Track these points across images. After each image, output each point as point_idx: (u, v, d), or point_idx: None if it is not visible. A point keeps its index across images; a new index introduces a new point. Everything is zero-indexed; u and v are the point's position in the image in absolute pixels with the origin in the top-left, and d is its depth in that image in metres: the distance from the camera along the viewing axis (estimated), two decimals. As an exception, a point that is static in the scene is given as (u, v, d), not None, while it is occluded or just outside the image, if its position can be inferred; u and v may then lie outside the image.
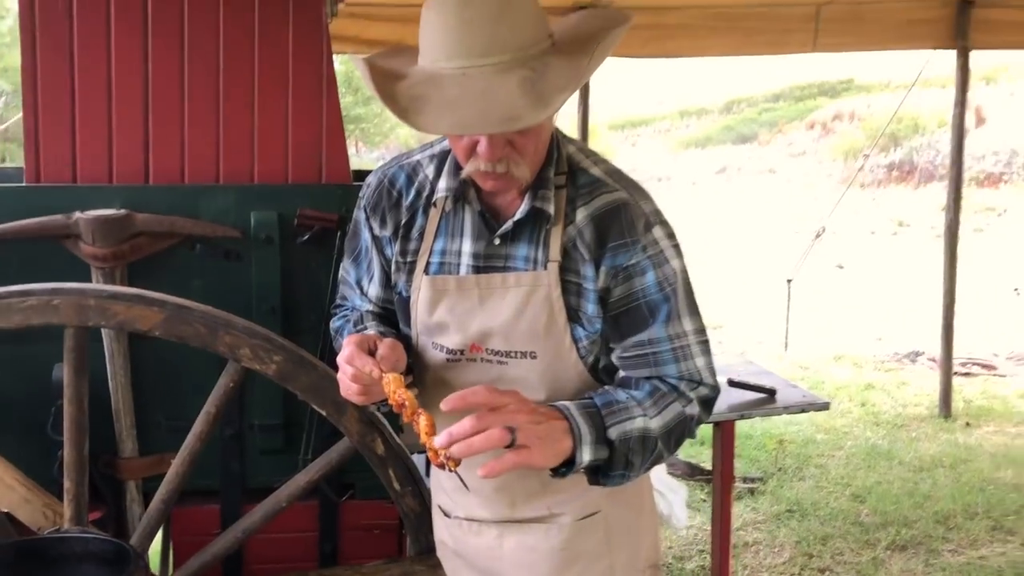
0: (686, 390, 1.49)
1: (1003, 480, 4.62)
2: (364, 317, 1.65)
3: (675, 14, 5.14)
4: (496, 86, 1.26)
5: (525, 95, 1.25)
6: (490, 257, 1.50)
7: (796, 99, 27.70)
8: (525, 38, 1.30)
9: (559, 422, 1.35)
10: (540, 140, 1.41)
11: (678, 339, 1.48)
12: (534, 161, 1.42)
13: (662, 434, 1.44)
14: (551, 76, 1.28)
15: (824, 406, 2.79)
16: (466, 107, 1.26)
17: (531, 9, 1.32)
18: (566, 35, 1.38)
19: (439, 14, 1.30)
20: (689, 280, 1.52)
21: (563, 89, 1.27)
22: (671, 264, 1.48)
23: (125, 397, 2.04)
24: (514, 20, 1.29)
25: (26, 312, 1.71)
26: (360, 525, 2.20)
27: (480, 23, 1.27)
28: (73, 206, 1.96)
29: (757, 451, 5.12)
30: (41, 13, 1.99)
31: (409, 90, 1.32)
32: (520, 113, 1.24)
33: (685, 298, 1.50)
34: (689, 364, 1.49)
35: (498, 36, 1.28)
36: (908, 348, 7.67)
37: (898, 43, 5.51)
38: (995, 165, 19.25)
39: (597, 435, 1.37)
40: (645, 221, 1.47)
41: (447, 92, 1.28)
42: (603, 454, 1.38)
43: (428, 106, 1.29)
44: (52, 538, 1.71)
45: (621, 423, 1.40)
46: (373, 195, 1.60)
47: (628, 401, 1.44)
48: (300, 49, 2.10)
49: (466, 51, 1.28)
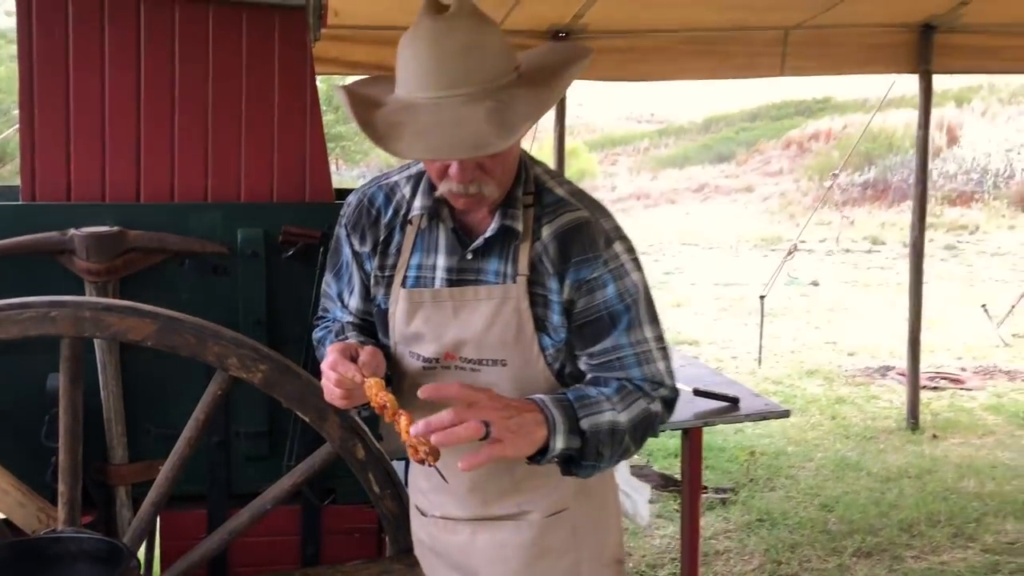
0: (649, 390, 1.61)
1: (966, 489, 4.77)
2: (345, 328, 1.75)
3: (648, 38, 5.29)
4: (466, 115, 1.38)
5: (492, 124, 1.36)
6: (463, 271, 1.61)
7: (773, 118, 28.07)
8: (493, 71, 1.42)
9: (532, 414, 1.45)
10: (508, 163, 1.53)
11: (639, 345, 1.60)
12: (502, 182, 1.54)
13: (629, 428, 1.55)
14: (516, 106, 1.40)
15: (784, 414, 2.91)
16: (438, 134, 1.37)
17: (499, 45, 1.44)
18: (532, 66, 1.50)
19: (415, 48, 1.42)
20: (648, 291, 1.64)
21: (527, 118, 1.40)
22: (631, 277, 1.60)
23: (116, 406, 2.12)
24: (483, 55, 1.41)
25: (24, 324, 1.80)
26: (341, 528, 2.28)
27: (452, 57, 1.39)
28: (68, 223, 2.05)
29: (729, 463, 5.24)
30: (38, 39, 2.09)
31: (386, 118, 1.44)
32: (487, 140, 1.36)
33: (645, 308, 1.62)
34: (652, 367, 1.61)
35: (468, 69, 1.39)
36: (879, 363, 7.84)
37: (863, 67, 5.68)
38: (967, 184, 19.58)
39: (570, 425, 1.48)
40: (606, 237, 1.59)
41: (421, 120, 1.39)
42: (576, 443, 1.48)
43: (403, 133, 1.40)
44: (48, 538, 1.79)
45: (592, 415, 1.51)
46: (353, 213, 1.71)
47: (598, 396, 1.55)
48: (285, 75, 2.21)
49: (439, 83, 1.40)
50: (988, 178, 19.39)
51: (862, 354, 8.21)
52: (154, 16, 2.14)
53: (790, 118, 27.17)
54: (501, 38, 1.46)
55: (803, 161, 22.97)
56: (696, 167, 24.79)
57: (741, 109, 30.40)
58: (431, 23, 1.41)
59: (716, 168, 24.50)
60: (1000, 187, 19.13)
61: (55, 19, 2.09)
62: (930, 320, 9.37)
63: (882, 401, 6.62)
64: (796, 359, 8.03)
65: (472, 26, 1.41)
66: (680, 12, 5.00)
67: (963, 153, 20.58)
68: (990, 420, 6.11)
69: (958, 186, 19.49)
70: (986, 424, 6.01)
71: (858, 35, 5.41)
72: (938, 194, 19.03)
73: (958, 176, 19.83)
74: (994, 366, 7.69)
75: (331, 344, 1.59)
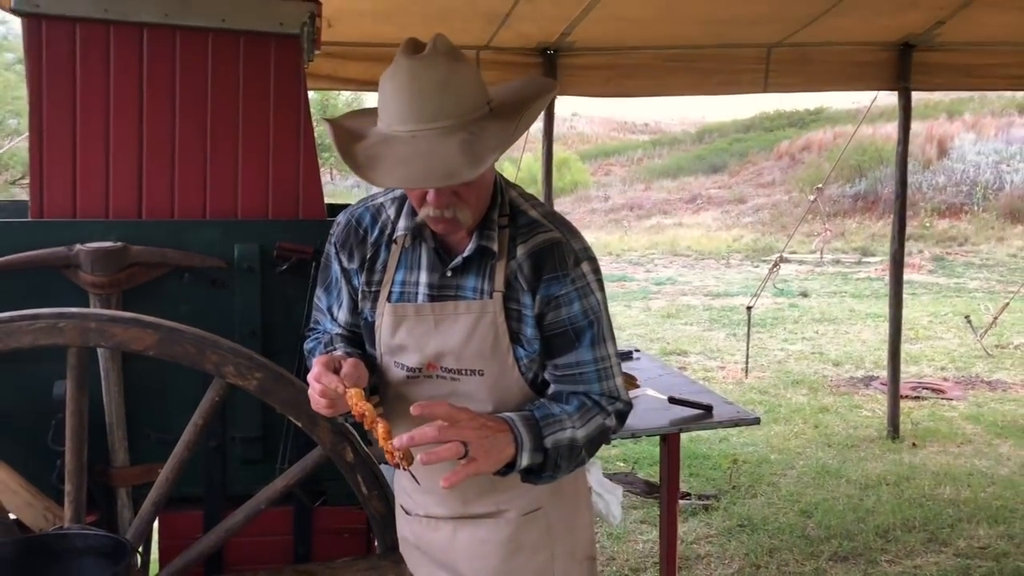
0: (606, 405, 1.75)
1: (941, 496, 4.90)
2: (334, 339, 1.88)
3: (633, 55, 5.43)
4: (439, 147, 1.51)
5: (463, 155, 1.50)
6: (443, 287, 1.74)
7: (766, 129, 28.28)
8: (465, 106, 1.55)
9: (504, 434, 1.59)
10: (482, 189, 1.66)
11: (602, 361, 1.74)
12: (477, 208, 1.67)
13: (586, 443, 1.70)
14: (486, 138, 1.53)
15: (754, 421, 3.04)
16: (414, 165, 1.51)
17: (471, 81, 1.58)
18: (503, 100, 1.64)
19: (393, 85, 1.55)
20: (607, 310, 1.78)
21: (495, 150, 1.53)
22: (595, 296, 1.74)
23: (118, 412, 2.24)
24: (456, 91, 1.54)
25: (35, 334, 1.93)
26: (331, 529, 2.41)
27: (427, 94, 1.52)
28: (74, 239, 2.17)
29: (713, 470, 5.37)
30: (48, 66, 2.22)
31: (366, 150, 1.57)
32: (458, 170, 1.49)
33: (607, 326, 1.76)
34: (610, 383, 1.76)
35: (442, 105, 1.53)
36: (863, 373, 7.98)
37: (844, 84, 5.83)
38: (956, 196, 19.76)
39: (535, 443, 1.62)
40: (575, 257, 1.72)
41: (398, 151, 1.53)
42: (539, 459, 1.63)
43: (382, 163, 1.54)
44: (55, 535, 1.92)
45: (555, 433, 1.65)
46: (342, 232, 1.84)
47: (561, 415, 1.68)
48: (280, 99, 2.35)
49: (415, 117, 1.53)
50: (978, 190, 19.57)
51: (847, 364, 8.35)
52: (156, 44, 2.27)
53: (783, 129, 27.38)
54: (474, 75, 1.59)
55: (795, 172, 23.15)
56: (689, 178, 24.96)
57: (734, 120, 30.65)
58: (408, 62, 1.54)
59: (709, 179, 24.67)
60: (990, 199, 19.31)
61: (64, 47, 2.22)
62: (916, 331, 9.56)
63: (864, 410, 6.75)
64: (782, 369, 8.16)
65: (446, 64, 1.54)
66: (663, 28, 5.13)
67: (953, 165, 20.77)
68: (969, 429, 6.24)
69: (948, 198, 19.67)
70: (965, 433, 6.14)
71: (839, 53, 5.56)
72: (928, 206, 19.22)
73: (948, 188, 20.02)
74: (976, 376, 7.84)
75: (318, 356, 1.72)
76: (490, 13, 4.72)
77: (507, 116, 1.59)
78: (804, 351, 8.96)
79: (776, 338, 9.61)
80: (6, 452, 2.15)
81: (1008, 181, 19.64)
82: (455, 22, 4.80)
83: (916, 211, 18.62)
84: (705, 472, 5.35)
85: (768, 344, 9.28)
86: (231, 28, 2.29)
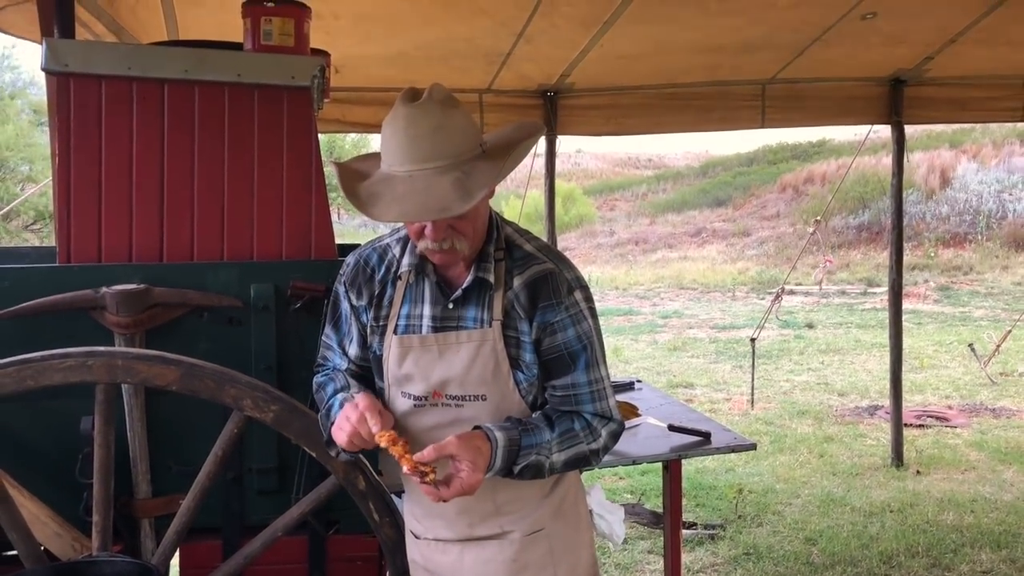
0: (598, 426, 1.88)
1: (945, 522, 4.96)
2: (346, 377, 2.00)
3: (631, 94, 5.59)
4: (434, 185, 1.66)
5: (456, 191, 1.65)
6: (445, 319, 1.87)
7: (769, 162, 28.50)
8: (458, 148, 1.70)
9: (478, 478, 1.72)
10: (477, 222, 1.81)
11: (596, 383, 1.87)
12: (474, 239, 1.82)
13: (560, 465, 1.85)
14: (476, 176, 1.68)
15: (751, 447, 3.13)
16: (410, 200, 1.66)
17: (463, 126, 1.73)
18: (498, 142, 1.80)
19: (392, 130, 1.71)
20: (600, 335, 1.92)
21: (485, 185, 1.68)
22: (587, 321, 1.87)
23: (142, 446, 2.35)
24: (449, 135, 1.69)
25: (66, 372, 2.05)
26: (344, 556, 2.49)
27: (423, 138, 1.68)
28: (99, 282, 2.30)
29: (719, 500, 5.44)
30: (75, 122, 2.36)
31: (367, 188, 1.73)
32: (450, 204, 1.65)
33: (599, 350, 1.90)
34: (603, 404, 1.89)
35: (436, 147, 1.68)
36: (868, 402, 8.05)
37: (839, 119, 5.99)
38: (960, 225, 19.86)
39: (504, 467, 1.78)
40: (568, 286, 1.86)
41: (397, 189, 1.69)
42: (501, 475, 1.79)
43: (381, 200, 1.70)
44: (86, 562, 2.03)
45: (528, 461, 1.79)
46: (351, 272, 1.97)
47: (545, 443, 1.82)
48: (292, 147, 2.48)
49: (412, 158, 1.69)
50: (981, 219, 19.67)
51: (852, 394, 8.42)
52: (176, 98, 2.41)
53: (786, 162, 27.58)
54: (466, 120, 1.75)
55: (799, 204, 23.30)
56: (693, 211, 25.13)
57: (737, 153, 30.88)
58: (406, 109, 1.70)
59: (713, 212, 24.84)
60: (993, 228, 19.41)
61: (90, 103, 2.36)
62: (921, 360, 9.62)
63: (869, 439, 6.82)
64: (788, 400, 8.23)
65: (440, 111, 1.69)
66: (659, 61, 5.28)
67: (956, 195, 20.90)
68: (973, 456, 6.31)
69: (951, 227, 19.79)
70: (969, 460, 6.20)
71: (832, 89, 5.71)
72: (932, 235, 19.32)
73: (951, 218, 20.14)
74: (980, 404, 7.89)
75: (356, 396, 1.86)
76: (491, 53, 4.90)
77: (497, 156, 1.74)
78: (809, 382, 9.04)
79: (782, 369, 9.69)
80: (35, 485, 2.26)
81: (1011, 210, 19.76)
82: (456, 63, 4.98)
83: (920, 241, 18.71)
84: (711, 502, 5.42)
85: (774, 375, 9.36)
86: (246, 82, 2.43)
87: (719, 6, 4.26)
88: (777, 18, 4.56)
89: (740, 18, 4.49)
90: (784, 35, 4.91)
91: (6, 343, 2.24)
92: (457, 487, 1.69)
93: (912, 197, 19.97)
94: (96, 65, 2.36)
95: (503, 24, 4.39)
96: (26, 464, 2.29)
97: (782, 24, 4.69)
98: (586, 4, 4.12)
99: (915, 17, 4.54)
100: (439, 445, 1.72)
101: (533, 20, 4.32)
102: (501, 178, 1.72)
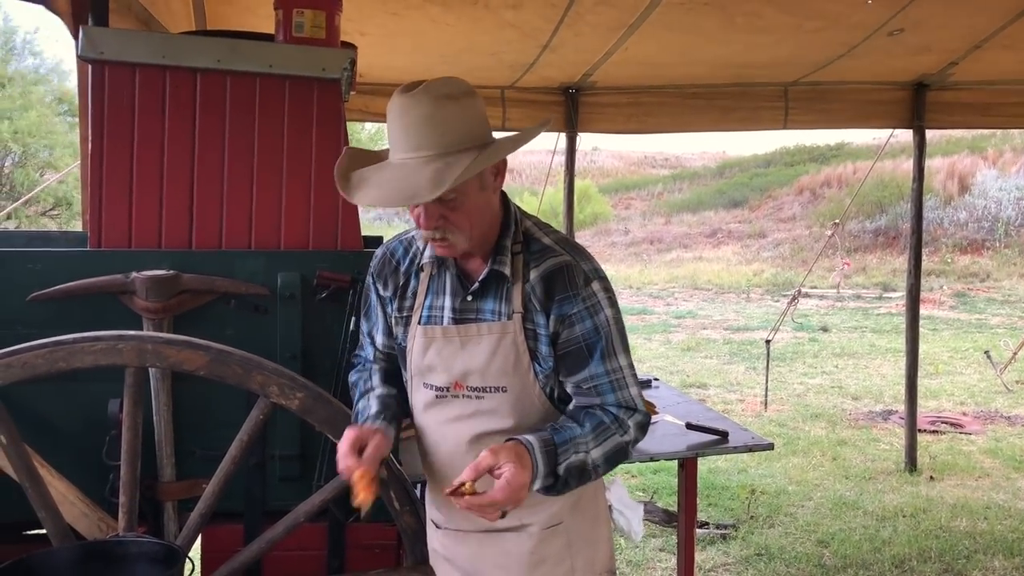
0: (625, 417, 1.86)
1: (958, 528, 4.95)
2: (372, 374, 2.03)
3: (653, 93, 5.60)
4: (415, 173, 1.69)
5: (430, 180, 1.66)
6: (465, 311, 1.89)
7: (787, 164, 28.38)
8: (448, 140, 1.71)
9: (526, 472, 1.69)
10: (473, 215, 1.80)
11: (615, 372, 1.87)
12: (473, 233, 1.81)
13: (602, 461, 1.82)
14: (455, 168, 1.68)
15: (768, 446, 3.14)
16: (386, 187, 1.71)
17: (458, 118, 1.73)
18: (508, 138, 1.82)
19: (390, 118, 1.75)
20: (621, 324, 1.91)
21: (459, 176, 1.66)
22: (605, 312, 1.87)
23: (167, 430, 2.39)
24: (439, 126, 1.71)
25: (96, 355, 2.08)
26: (363, 544, 2.53)
27: (413, 127, 1.71)
28: (129, 267, 2.34)
29: (731, 500, 5.45)
30: (109, 109, 2.39)
31: (361, 174, 1.77)
32: (418, 192, 1.67)
33: (618, 339, 1.89)
34: (625, 393, 1.87)
35: (426, 136, 1.70)
36: (882, 407, 8.03)
37: (861, 122, 5.97)
38: (978, 232, 19.74)
39: (549, 469, 1.75)
40: (584, 277, 1.86)
41: (384, 176, 1.73)
42: (549, 482, 1.76)
43: (365, 185, 1.74)
44: (114, 541, 2.06)
45: (569, 459, 1.77)
46: (378, 264, 2.01)
47: (579, 437, 1.80)
48: (321, 138, 2.51)
49: (403, 147, 1.73)
50: (999, 226, 19.55)
51: (866, 398, 8.40)
52: (208, 87, 2.44)
53: (803, 164, 27.46)
54: (464, 114, 1.74)
55: (816, 207, 23.20)
56: (709, 212, 25.05)
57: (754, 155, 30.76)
58: (400, 99, 1.73)
59: (729, 213, 24.76)
60: (1012, 235, 19.28)
61: (124, 90, 2.39)
62: (936, 366, 9.59)
63: (883, 444, 6.81)
64: (801, 403, 8.22)
65: (432, 102, 1.71)
66: (682, 71, 5.30)
67: (975, 201, 20.77)
68: (987, 463, 6.29)
69: (969, 234, 19.67)
70: (983, 467, 6.19)
71: (855, 92, 5.70)
72: (949, 242, 19.22)
73: (969, 224, 20.02)
74: (995, 411, 7.87)
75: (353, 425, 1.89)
76: (515, 64, 4.93)
77: (489, 149, 1.74)
78: (823, 385, 9.02)
79: (796, 372, 9.68)
80: (63, 466, 2.30)
81: (1030, 217, 19.62)
82: (481, 73, 4.99)
83: (937, 247, 18.62)
84: (724, 502, 5.43)
85: (788, 378, 9.34)
86: (277, 73, 2.46)
87: (745, 21, 4.25)
88: (804, 39, 4.56)
89: (766, 36, 4.49)
90: (810, 54, 4.91)
91: (37, 325, 2.28)
92: (503, 486, 1.64)
93: (930, 202, 19.86)
94: (131, 53, 2.40)
95: (529, 36, 4.40)
96: (55, 444, 2.33)
97: (809, 44, 4.69)
98: (612, 11, 4.11)
99: (941, 28, 4.52)
100: (474, 464, 1.68)
101: (559, 31, 4.31)
102: (475, 170, 1.71)
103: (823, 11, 4.16)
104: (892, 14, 4.17)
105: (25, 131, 19.59)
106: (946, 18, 4.33)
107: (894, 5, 4.06)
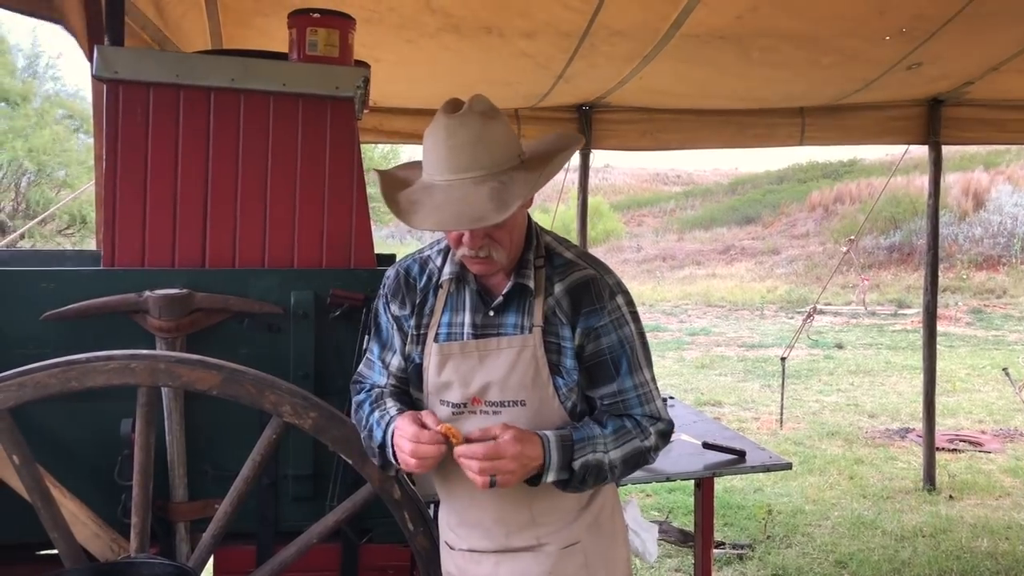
0: (648, 425, 1.89)
1: (979, 549, 4.88)
2: (383, 394, 1.99)
3: (667, 110, 5.58)
4: (471, 194, 1.69)
5: (492, 201, 1.67)
6: (485, 326, 1.88)
7: (799, 181, 28.33)
8: (496, 158, 1.72)
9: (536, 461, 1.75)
10: (514, 232, 1.83)
11: (642, 387, 1.89)
12: (511, 248, 1.84)
13: (620, 463, 1.84)
14: (513, 187, 1.70)
15: (786, 466, 3.11)
16: (447, 210, 1.69)
17: (503, 137, 1.75)
18: (536, 152, 1.82)
19: (433, 140, 1.74)
20: (645, 338, 1.93)
21: (520, 196, 1.70)
22: (630, 326, 1.89)
23: (179, 450, 2.37)
24: (488, 146, 1.72)
25: (109, 374, 2.07)
26: (376, 566, 2.50)
27: (462, 148, 1.71)
28: (143, 286, 2.33)
29: (748, 520, 5.39)
30: (123, 128, 2.39)
31: (408, 196, 1.76)
32: (486, 214, 1.67)
33: (642, 353, 1.91)
34: (651, 406, 1.91)
35: (475, 158, 1.71)
36: (899, 425, 7.95)
37: (877, 138, 5.93)
38: (994, 248, 19.61)
39: (563, 464, 1.78)
40: (609, 291, 1.88)
41: (436, 198, 1.71)
42: (564, 476, 1.79)
43: (421, 209, 1.72)
44: (125, 563, 2.04)
45: (585, 457, 1.79)
46: (393, 283, 1.99)
47: (599, 437, 1.83)
48: (335, 157, 2.50)
49: (452, 168, 1.71)
50: (1016, 242, 19.41)
51: (882, 416, 8.32)
52: (222, 106, 2.44)
53: (816, 180, 27.41)
54: (505, 131, 1.76)
55: (829, 223, 23.13)
56: (722, 228, 25.02)
57: (767, 171, 30.74)
58: (446, 120, 1.72)
59: (742, 230, 24.72)
60: (1027, 251, 19.14)
61: (138, 109, 2.39)
62: (953, 383, 9.50)
63: (900, 462, 6.73)
64: (817, 420, 8.15)
65: (479, 122, 1.72)
66: (697, 101, 5.29)
67: (990, 217, 20.64)
68: (1007, 482, 6.20)
69: (985, 250, 19.55)
70: (1003, 486, 6.10)
71: (871, 108, 5.66)
72: (964, 258, 19.09)
73: (985, 240, 19.89)
74: (1015, 429, 7.77)
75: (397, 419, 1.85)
76: (529, 95, 4.94)
77: (535, 167, 1.76)
78: (839, 402, 8.94)
79: (811, 389, 9.60)
80: (75, 486, 2.29)
81: (1046, 233, 19.47)
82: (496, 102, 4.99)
83: (953, 263, 18.50)
84: (740, 522, 5.37)
85: (803, 395, 9.27)
86: (291, 92, 2.46)
87: (762, 56, 4.23)
88: (821, 75, 4.54)
89: (783, 71, 4.46)
90: (827, 88, 4.89)
91: (50, 344, 2.27)
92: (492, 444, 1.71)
93: (945, 218, 19.74)
94: (145, 72, 2.40)
95: (543, 66, 4.39)
96: (67, 464, 2.32)
97: (825, 80, 4.67)
98: (627, 42, 4.10)
99: (958, 59, 4.47)
100: (485, 428, 1.76)
101: (573, 61, 4.31)
102: (537, 188, 1.74)
103: (841, 47, 4.14)
104: (910, 49, 4.14)
105: (41, 150, 19.75)
106: (965, 48, 4.30)
107: (912, 40, 4.03)
